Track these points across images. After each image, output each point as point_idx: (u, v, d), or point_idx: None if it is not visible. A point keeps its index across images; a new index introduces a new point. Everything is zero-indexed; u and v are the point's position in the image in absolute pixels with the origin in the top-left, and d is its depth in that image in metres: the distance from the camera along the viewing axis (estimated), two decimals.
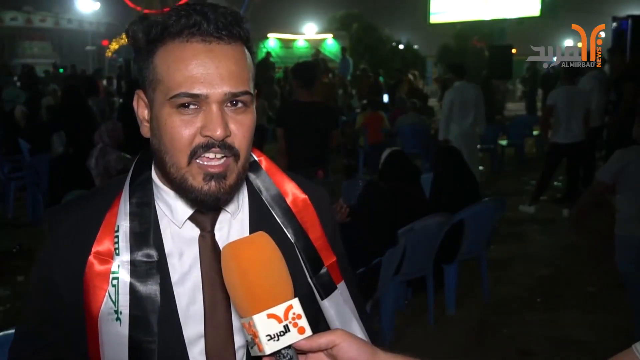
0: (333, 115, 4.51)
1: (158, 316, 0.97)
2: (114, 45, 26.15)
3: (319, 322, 1.11)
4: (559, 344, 3.70)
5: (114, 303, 0.97)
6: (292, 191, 1.11)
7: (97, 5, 28.83)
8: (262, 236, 0.86)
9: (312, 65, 5.02)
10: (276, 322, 0.79)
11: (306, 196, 1.12)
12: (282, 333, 0.79)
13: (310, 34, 24.68)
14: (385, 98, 12.18)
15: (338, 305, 1.09)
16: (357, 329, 1.10)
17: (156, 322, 0.96)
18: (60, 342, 1.04)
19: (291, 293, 0.83)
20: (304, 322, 0.81)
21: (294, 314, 0.81)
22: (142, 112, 1.01)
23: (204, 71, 0.90)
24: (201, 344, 1.01)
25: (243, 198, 1.08)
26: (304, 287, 1.07)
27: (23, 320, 1.09)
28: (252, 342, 0.80)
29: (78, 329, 1.01)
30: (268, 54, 15.96)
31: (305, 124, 4.28)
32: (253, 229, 1.06)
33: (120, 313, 0.96)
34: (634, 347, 0.90)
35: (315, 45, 21.10)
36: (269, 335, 0.78)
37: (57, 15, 27.81)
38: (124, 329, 0.96)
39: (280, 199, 1.10)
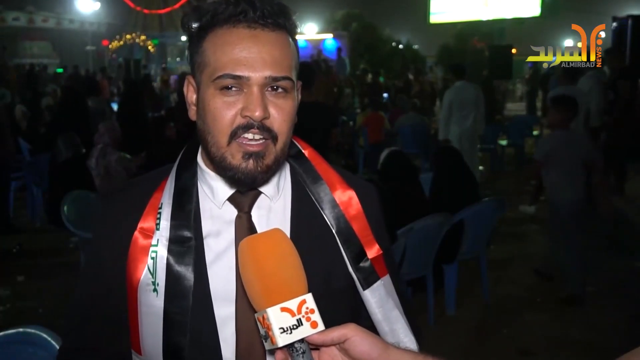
0: (333, 114, 4.51)
1: (191, 293, 1.01)
2: (114, 45, 26.16)
3: (359, 317, 1.12)
4: (559, 344, 3.70)
5: (152, 274, 1.02)
6: (337, 182, 1.13)
7: (97, 5, 28.84)
8: (278, 232, 0.88)
9: (310, 66, 5.03)
10: (289, 315, 0.81)
11: (351, 189, 1.13)
12: (294, 326, 0.80)
13: (310, 34, 24.68)
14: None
15: (381, 296, 1.09)
16: (400, 321, 1.11)
17: (189, 298, 1.00)
18: (107, 313, 1.09)
19: (305, 288, 0.84)
20: (317, 316, 0.82)
21: (307, 308, 0.82)
22: (191, 96, 1.05)
23: (248, 55, 0.95)
24: (232, 326, 1.03)
25: (285, 184, 1.12)
26: (345, 278, 1.09)
27: (76, 294, 1.15)
28: (265, 335, 0.82)
29: (121, 302, 1.06)
30: None
31: (304, 123, 4.27)
32: (294, 214, 1.09)
33: (157, 285, 1.01)
34: None
35: (316, 45, 21.10)
36: (282, 328, 0.80)
37: (60, 15, 27.86)
38: (159, 300, 1.01)
39: (323, 188, 1.12)
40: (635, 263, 5.05)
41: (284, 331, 0.80)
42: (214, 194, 1.07)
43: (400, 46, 25.61)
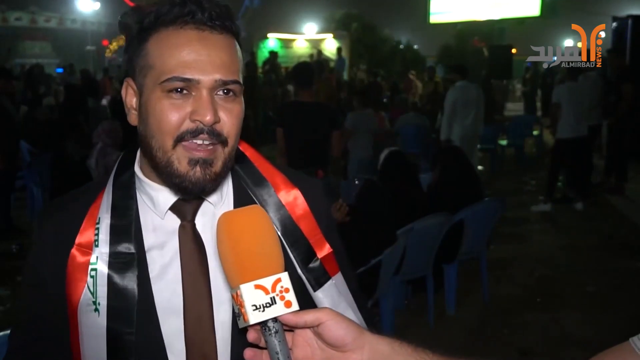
0: (333, 115, 4.50)
1: (135, 309, 0.97)
2: (114, 45, 26.15)
3: None
4: (559, 344, 3.70)
5: (92, 294, 0.97)
6: (281, 183, 1.10)
7: (97, 5, 28.84)
8: (257, 209, 0.87)
9: (309, 66, 5.02)
10: (263, 293, 0.79)
11: (296, 188, 1.10)
12: (268, 305, 0.79)
13: (310, 34, 24.66)
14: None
15: (332, 296, 1.07)
16: (354, 319, 1.08)
17: (134, 315, 0.97)
18: (48, 335, 1.05)
19: (281, 267, 0.83)
20: (291, 296, 0.81)
21: (282, 287, 0.81)
22: (131, 100, 1.01)
23: (197, 57, 0.92)
24: (181, 339, 1.00)
25: (227, 189, 1.08)
26: (294, 282, 1.05)
27: (17, 314, 1.11)
28: (238, 312, 0.81)
29: (63, 322, 1.02)
30: (275, 54, 15.55)
31: (304, 124, 4.27)
32: None
33: (99, 304, 0.97)
34: (631, 340, 0.90)
35: (316, 45, 21.08)
36: (255, 305, 0.79)
37: (62, 15, 27.87)
38: (102, 319, 0.96)
39: (267, 190, 1.09)
40: (635, 263, 5.05)
41: (257, 308, 0.78)
42: (154, 204, 1.02)
43: (401, 46, 25.59)
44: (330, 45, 20.86)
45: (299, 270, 1.06)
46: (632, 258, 5.14)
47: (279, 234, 1.05)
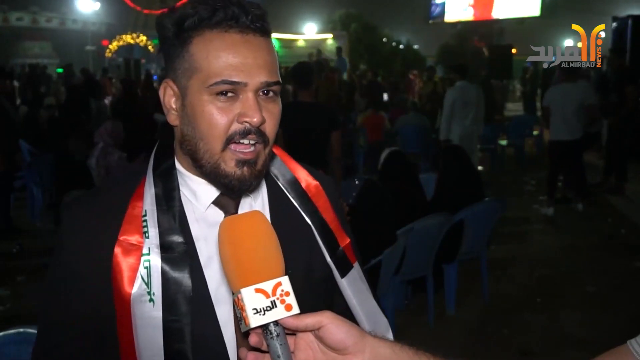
0: (332, 115, 4.50)
1: (191, 298, 0.99)
2: (114, 45, 26.15)
3: (333, 305, 1.14)
4: (559, 344, 3.70)
5: (147, 284, 0.98)
6: (305, 177, 1.16)
7: (97, 6, 28.83)
8: (257, 214, 0.89)
9: (308, 66, 5.00)
10: (264, 297, 0.80)
11: (317, 182, 1.16)
12: (268, 308, 0.80)
13: (310, 34, 24.67)
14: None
15: (355, 283, 1.13)
16: (374, 304, 1.16)
17: (189, 304, 0.98)
18: (87, 332, 1.03)
19: (281, 271, 0.84)
20: (292, 299, 0.82)
21: (282, 290, 0.82)
22: (170, 100, 1.02)
23: (243, 60, 0.95)
24: (231, 327, 1.03)
25: (262, 184, 1.12)
26: (323, 268, 1.11)
27: (45, 313, 1.07)
28: (240, 316, 0.82)
29: (105, 317, 1.01)
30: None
31: (304, 124, 4.27)
32: (273, 211, 1.10)
33: (154, 294, 0.98)
34: (629, 343, 0.90)
35: (316, 45, 21.09)
36: (255, 309, 0.80)
37: (64, 15, 27.88)
38: (157, 310, 0.98)
39: (295, 183, 1.14)
40: (635, 263, 5.05)
41: (257, 312, 0.79)
42: (197, 198, 1.05)
43: (401, 46, 25.59)
44: (330, 45, 20.87)
45: (328, 258, 1.11)
46: (632, 258, 5.14)
47: (309, 223, 1.11)
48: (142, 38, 26.29)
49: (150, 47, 26.11)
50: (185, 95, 0.99)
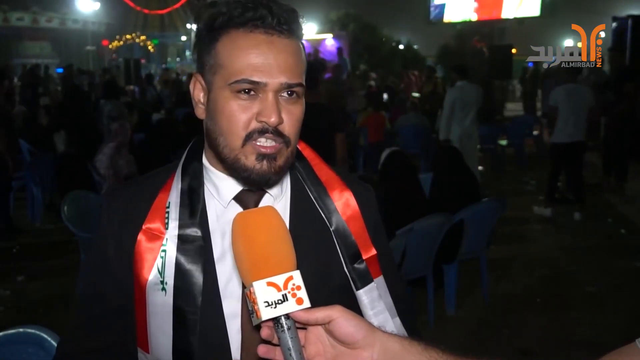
0: (336, 117, 4.48)
1: (200, 290, 1.02)
2: (114, 45, 26.16)
3: None
4: (559, 344, 3.70)
5: (161, 274, 1.03)
6: (335, 182, 1.16)
7: (97, 6, 28.84)
8: (270, 209, 0.90)
9: (315, 66, 4.96)
10: (275, 290, 0.82)
11: (349, 190, 1.15)
12: (279, 301, 0.81)
13: (310, 34, 24.65)
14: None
15: (373, 298, 1.10)
16: (389, 323, 1.11)
17: (199, 295, 1.02)
18: (112, 311, 1.10)
19: (293, 265, 0.86)
20: (303, 293, 0.83)
21: (293, 284, 0.83)
22: (198, 94, 1.06)
23: (264, 60, 0.97)
24: (238, 322, 1.05)
25: (286, 185, 1.14)
26: (340, 277, 1.10)
27: (81, 291, 1.17)
28: (252, 309, 0.83)
29: (128, 300, 1.08)
30: None
31: (309, 125, 4.24)
32: (293, 214, 1.12)
33: (166, 284, 1.03)
34: (638, 342, 0.89)
35: (316, 45, 21.06)
36: (267, 302, 0.81)
37: (64, 15, 27.90)
38: (168, 298, 1.02)
39: (321, 188, 1.14)
40: (635, 263, 5.05)
41: (269, 305, 0.81)
42: (219, 193, 1.08)
43: (401, 46, 25.56)
44: (330, 47, 20.83)
45: (345, 268, 1.10)
46: (632, 258, 5.14)
47: (332, 230, 1.11)
48: (142, 38, 26.30)
49: (150, 47, 26.10)
50: (210, 91, 1.02)
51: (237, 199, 1.08)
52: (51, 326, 1.68)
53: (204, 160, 1.11)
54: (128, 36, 26.87)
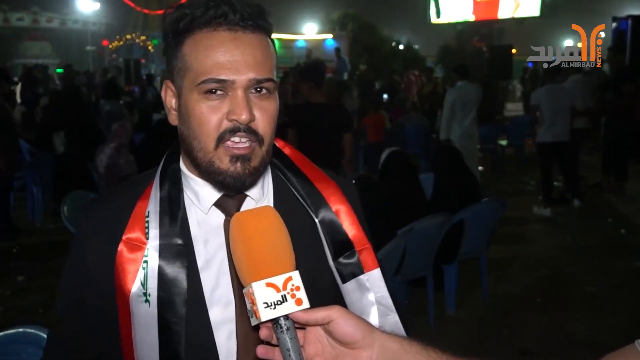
0: (345, 116, 4.46)
1: (185, 299, 1.00)
2: (114, 45, 26.17)
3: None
4: (559, 344, 3.70)
5: (143, 285, 1.00)
6: (319, 177, 1.12)
7: (97, 6, 28.84)
8: (268, 209, 0.90)
9: (321, 65, 4.93)
10: (274, 291, 0.81)
11: (334, 182, 1.13)
12: (279, 302, 0.81)
13: (310, 34, 24.65)
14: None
15: (362, 290, 1.07)
16: (376, 319, 1.07)
17: (183, 305, 1.00)
18: (94, 325, 1.08)
19: (292, 265, 0.85)
20: (302, 294, 0.83)
21: (292, 285, 0.83)
22: (170, 100, 1.04)
23: (231, 58, 0.95)
24: (227, 329, 1.03)
25: (268, 185, 1.11)
26: (328, 276, 1.08)
27: (59, 308, 1.12)
28: (251, 310, 0.83)
29: (110, 313, 1.05)
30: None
31: (317, 125, 4.22)
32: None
33: (149, 295, 1.00)
34: (637, 343, 0.89)
35: (315, 45, 21.07)
36: (266, 303, 0.81)
37: (64, 15, 27.91)
38: (152, 310, 1.00)
39: (307, 183, 1.11)
40: (635, 263, 5.05)
41: (268, 306, 0.81)
42: (199, 200, 1.06)
43: (401, 46, 25.55)
44: (330, 46, 20.84)
45: (330, 262, 1.07)
46: (632, 258, 5.14)
47: (318, 226, 1.07)
48: (142, 38, 26.30)
49: (150, 47, 26.11)
50: (180, 95, 1.00)
51: (218, 205, 1.06)
52: (51, 326, 1.67)
53: (182, 167, 1.08)
54: (128, 36, 26.86)
